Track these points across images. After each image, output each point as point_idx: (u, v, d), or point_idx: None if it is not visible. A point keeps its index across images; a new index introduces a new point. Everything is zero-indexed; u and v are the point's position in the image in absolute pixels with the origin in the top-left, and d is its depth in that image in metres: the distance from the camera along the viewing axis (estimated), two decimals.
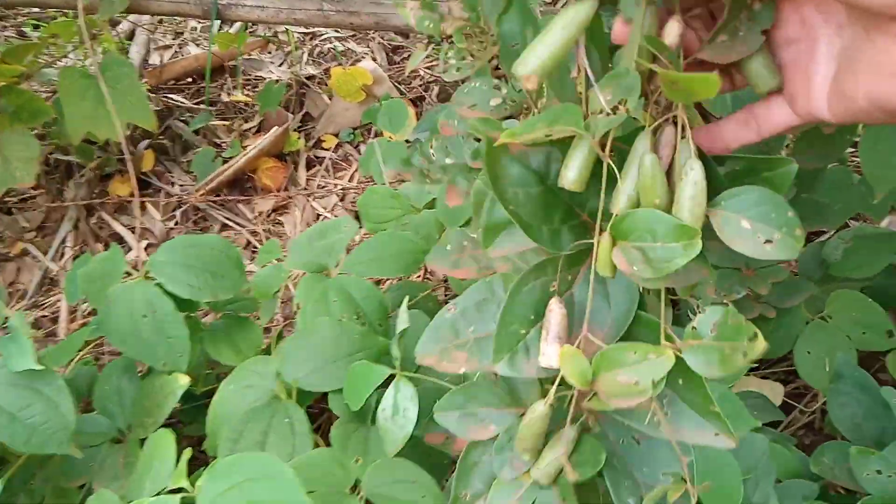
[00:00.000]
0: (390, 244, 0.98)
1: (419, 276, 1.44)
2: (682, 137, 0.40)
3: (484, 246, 0.50)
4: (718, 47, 0.39)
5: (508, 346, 0.44)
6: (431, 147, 0.81)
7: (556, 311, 0.43)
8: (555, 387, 0.43)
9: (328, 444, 0.84)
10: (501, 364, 0.44)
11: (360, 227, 1.23)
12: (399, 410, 0.78)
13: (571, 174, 0.41)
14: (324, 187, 1.84)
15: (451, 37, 0.71)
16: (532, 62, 0.39)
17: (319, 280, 0.95)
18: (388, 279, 1.43)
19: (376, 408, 0.82)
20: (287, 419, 0.83)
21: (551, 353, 0.42)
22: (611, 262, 0.40)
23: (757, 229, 0.37)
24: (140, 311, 0.89)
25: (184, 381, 0.91)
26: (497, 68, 1.66)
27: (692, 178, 0.38)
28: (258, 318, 1.15)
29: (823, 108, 0.37)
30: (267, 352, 1.05)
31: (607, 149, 0.40)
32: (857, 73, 0.34)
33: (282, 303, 1.42)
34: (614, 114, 0.39)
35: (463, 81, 0.75)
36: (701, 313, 0.39)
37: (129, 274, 0.95)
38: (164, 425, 1.20)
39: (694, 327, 0.39)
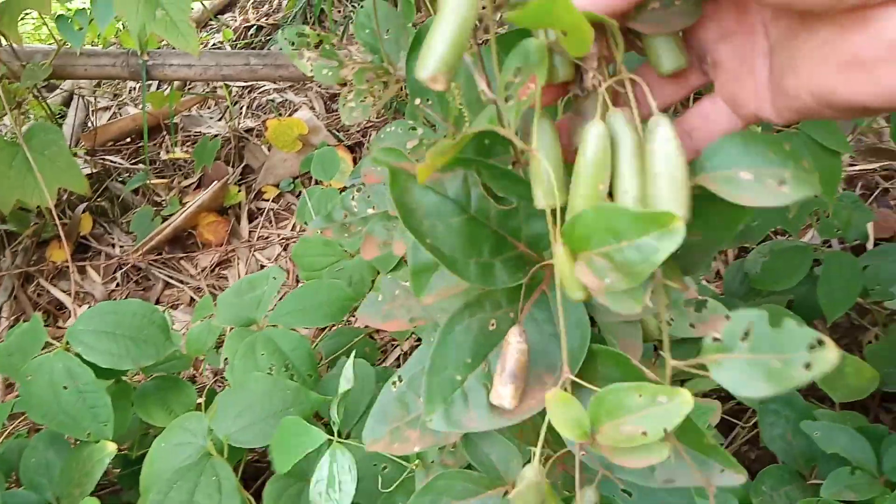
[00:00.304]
0: (317, 293, 0.98)
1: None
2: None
3: (415, 292, 0.44)
4: (650, 16, 0.33)
5: (442, 396, 0.38)
6: (353, 198, 0.80)
7: (512, 344, 0.36)
8: (539, 446, 0.36)
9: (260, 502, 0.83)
10: (435, 418, 0.38)
11: None
12: (335, 483, 0.72)
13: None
14: (266, 238, 1.83)
15: (352, 81, 0.72)
16: (431, 62, 0.31)
17: (246, 333, 0.94)
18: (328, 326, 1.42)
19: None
20: (215, 477, 0.82)
21: (504, 392, 0.36)
22: (577, 280, 0.32)
23: (762, 175, 0.31)
24: (60, 383, 0.88)
25: (110, 448, 0.89)
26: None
27: (661, 136, 0.31)
28: (200, 374, 1.14)
29: (768, 108, 0.33)
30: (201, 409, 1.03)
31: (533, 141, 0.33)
32: (797, 67, 0.30)
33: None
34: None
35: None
36: (728, 320, 0.31)
37: (49, 345, 0.93)
38: (103, 493, 1.18)
39: (716, 338, 0.31)
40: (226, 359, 0.92)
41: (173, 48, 1.57)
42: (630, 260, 0.29)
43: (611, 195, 0.33)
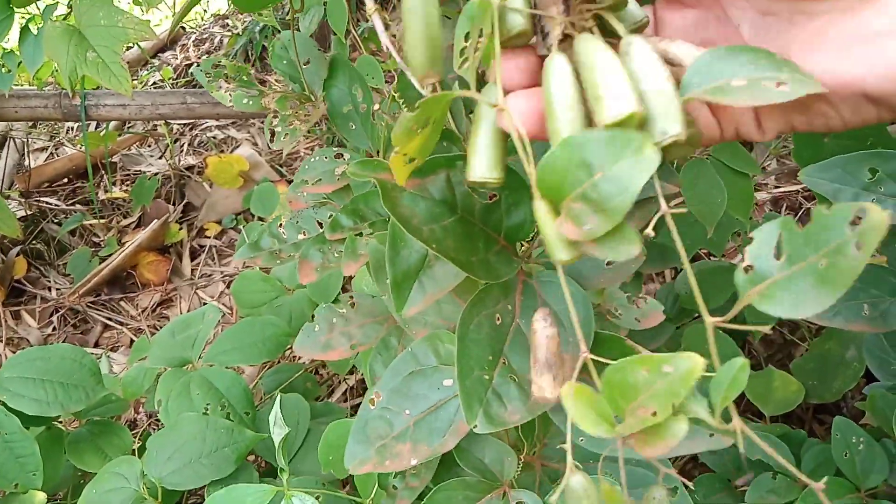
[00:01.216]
0: (252, 331, 0.97)
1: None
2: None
3: (397, 307, 0.42)
4: None
5: (479, 398, 0.37)
6: (281, 226, 0.80)
7: (538, 332, 0.33)
8: (570, 458, 0.30)
9: None
10: (479, 420, 0.37)
11: None
12: None
13: (478, 162, 0.32)
14: (209, 276, 1.81)
15: (275, 109, 0.72)
16: (419, 61, 0.31)
17: (180, 374, 0.93)
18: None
19: None
20: None
21: (544, 382, 0.33)
22: (562, 237, 0.28)
23: (756, 79, 0.27)
24: None
25: (39, 498, 0.86)
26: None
27: (638, 55, 0.28)
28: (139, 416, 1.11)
29: (749, 122, 0.31)
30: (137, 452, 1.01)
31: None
32: (792, 55, 0.29)
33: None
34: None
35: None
36: (748, 242, 0.26)
37: None
38: None
39: (748, 268, 0.26)
40: (159, 400, 0.91)
41: (108, 88, 1.56)
42: (606, 194, 0.26)
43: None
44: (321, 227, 0.77)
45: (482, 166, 0.32)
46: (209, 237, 1.90)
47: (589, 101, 0.28)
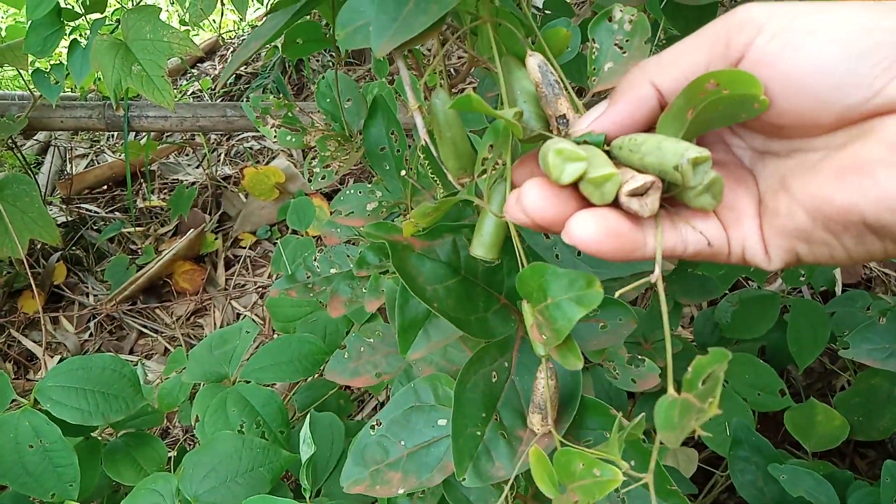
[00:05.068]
0: (288, 348, 0.97)
1: None
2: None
3: (402, 350, 0.46)
4: (607, 76, 0.37)
5: (469, 454, 0.40)
6: (315, 259, 0.82)
7: (539, 379, 0.39)
8: (508, 486, 0.39)
9: None
10: (468, 475, 0.40)
11: None
12: None
13: (479, 243, 0.38)
14: (243, 286, 1.83)
15: (314, 147, 0.73)
16: (453, 167, 0.39)
17: (217, 390, 0.93)
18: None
19: None
20: None
21: (534, 420, 0.40)
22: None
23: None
24: (26, 441, 0.86)
25: None
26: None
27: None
28: (173, 427, 1.12)
29: (756, 246, 0.32)
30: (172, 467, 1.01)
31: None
32: (790, 185, 0.30)
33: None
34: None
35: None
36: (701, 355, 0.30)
37: (16, 400, 0.92)
38: None
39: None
40: (196, 416, 0.91)
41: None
42: (553, 318, 0.32)
43: None
44: (352, 263, 0.79)
45: (482, 248, 0.38)
46: (244, 248, 1.91)
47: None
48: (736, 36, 0.29)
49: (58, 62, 1.50)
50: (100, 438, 1.05)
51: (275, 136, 0.71)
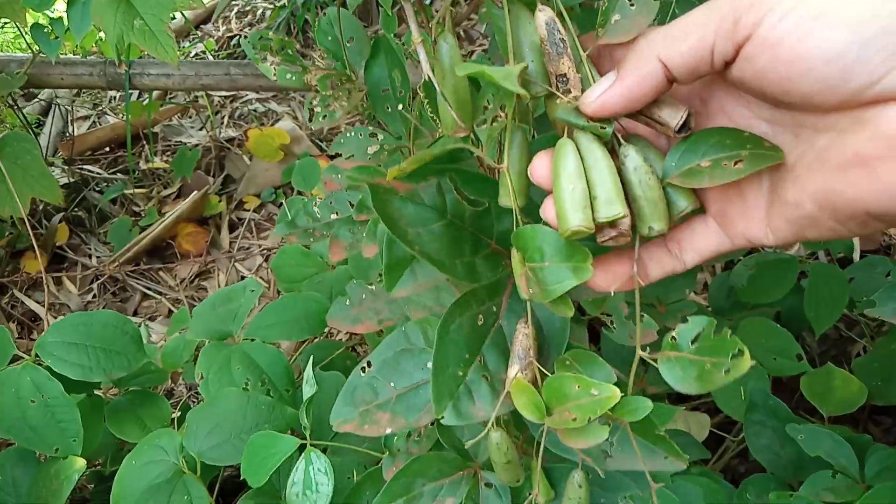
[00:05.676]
0: (294, 306, 0.95)
1: (346, 335, 1.41)
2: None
3: (387, 287, 0.47)
4: (615, 28, 0.36)
5: (449, 393, 0.40)
6: (316, 205, 0.80)
7: (519, 331, 0.40)
8: (492, 420, 0.40)
9: None
10: (447, 413, 0.40)
11: None
12: (312, 485, 0.72)
13: (504, 193, 0.39)
14: (247, 249, 1.80)
15: (316, 87, 0.70)
16: (450, 121, 0.40)
17: (222, 348, 0.91)
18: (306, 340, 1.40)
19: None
20: (187, 496, 0.79)
21: (512, 373, 0.40)
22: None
23: (718, 160, 0.33)
24: (28, 397, 0.84)
25: (79, 464, 0.86)
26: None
27: (632, 163, 0.34)
28: (177, 387, 1.10)
29: (760, 227, 0.34)
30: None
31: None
32: (798, 175, 0.31)
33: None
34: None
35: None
36: (683, 323, 0.35)
37: (19, 357, 0.90)
38: None
39: (673, 338, 0.35)
40: (200, 374, 0.89)
41: (152, 58, 1.55)
42: (547, 279, 0.35)
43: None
44: (353, 208, 0.77)
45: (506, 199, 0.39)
46: (248, 210, 1.89)
47: (588, 188, 0.34)
48: (745, 15, 0.29)
49: (56, 18, 1.47)
50: (104, 397, 1.04)
51: (274, 75, 0.67)
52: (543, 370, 0.39)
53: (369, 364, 0.47)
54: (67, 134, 2.12)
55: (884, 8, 0.26)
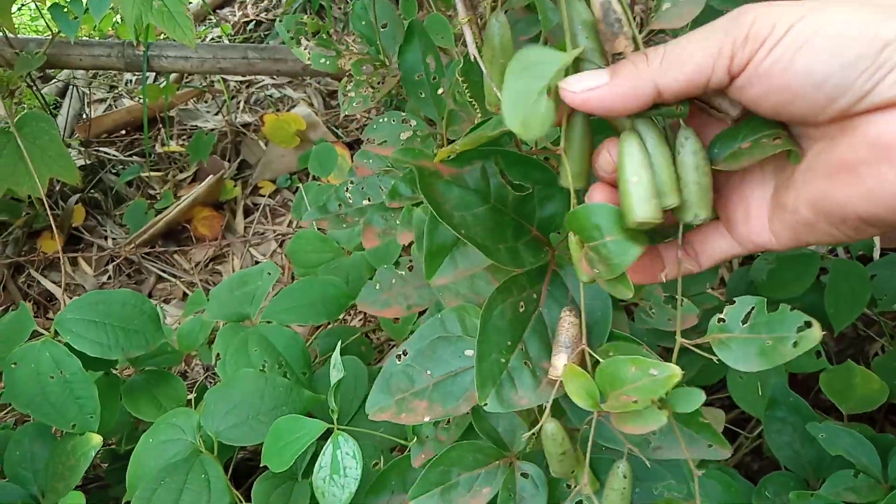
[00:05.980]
0: (311, 290, 0.95)
1: (362, 320, 1.42)
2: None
3: (427, 275, 0.47)
4: (665, 15, 0.37)
5: (493, 379, 0.40)
6: (347, 190, 0.79)
7: (564, 318, 0.40)
8: (548, 410, 0.40)
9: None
10: (490, 400, 0.40)
11: None
12: (339, 469, 0.70)
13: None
14: (262, 234, 1.81)
15: (350, 72, 0.70)
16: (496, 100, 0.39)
17: (239, 329, 0.91)
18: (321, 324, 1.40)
19: (310, 463, 0.77)
20: (203, 475, 0.79)
21: (558, 362, 0.39)
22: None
23: (757, 139, 0.34)
24: (47, 373, 0.85)
25: (95, 441, 0.86)
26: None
27: (689, 149, 0.34)
28: (191, 370, 1.11)
29: (763, 232, 0.35)
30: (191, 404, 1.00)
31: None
32: (795, 181, 0.33)
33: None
34: None
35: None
36: (730, 305, 0.36)
37: (38, 334, 0.90)
38: (91, 487, 1.15)
39: (721, 320, 0.35)
40: (217, 354, 0.90)
41: (170, 40, 1.55)
42: (611, 253, 0.34)
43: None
44: (384, 194, 0.77)
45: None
46: (263, 196, 1.89)
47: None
48: (740, 51, 0.31)
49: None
50: (120, 376, 1.04)
51: (308, 59, 0.67)
52: (594, 355, 0.38)
53: (405, 353, 0.47)
54: (84, 116, 2.13)
55: (862, 34, 0.28)
